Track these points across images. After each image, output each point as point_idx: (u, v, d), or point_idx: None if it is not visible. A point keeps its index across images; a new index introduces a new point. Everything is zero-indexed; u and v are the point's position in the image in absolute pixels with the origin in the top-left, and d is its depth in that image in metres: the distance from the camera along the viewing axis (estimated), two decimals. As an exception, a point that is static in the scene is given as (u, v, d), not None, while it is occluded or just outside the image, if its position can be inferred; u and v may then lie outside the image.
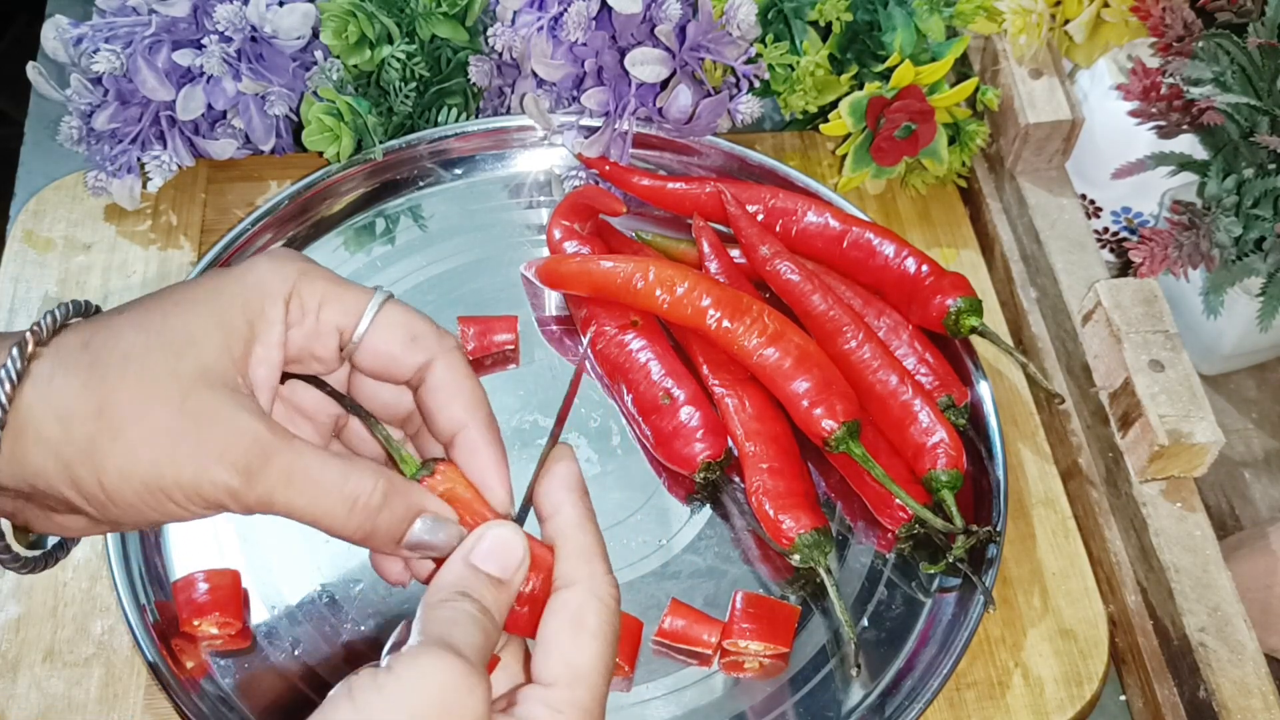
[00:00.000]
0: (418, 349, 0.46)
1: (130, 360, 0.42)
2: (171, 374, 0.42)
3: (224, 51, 0.73)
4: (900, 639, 0.63)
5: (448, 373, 0.46)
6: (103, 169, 0.75)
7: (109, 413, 0.42)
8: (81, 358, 0.42)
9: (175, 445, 0.41)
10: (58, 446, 0.42)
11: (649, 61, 0.74)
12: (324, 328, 0.46)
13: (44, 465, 0.42)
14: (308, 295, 0.45)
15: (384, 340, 0.46)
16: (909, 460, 0.65)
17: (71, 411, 0.42)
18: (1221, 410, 0.77)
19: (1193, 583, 0.62)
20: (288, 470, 0.42)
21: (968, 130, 0.80)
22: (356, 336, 0.46)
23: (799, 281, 0.70)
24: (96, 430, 0.42)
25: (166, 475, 0.42)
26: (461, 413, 0.46)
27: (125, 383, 0.42)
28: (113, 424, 0.42)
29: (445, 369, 0.46)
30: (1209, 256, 0.68)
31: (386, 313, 0.46)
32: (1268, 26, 0.68)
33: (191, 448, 0.41)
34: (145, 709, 0.60)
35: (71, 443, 0.42)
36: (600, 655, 0.42)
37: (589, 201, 0.76)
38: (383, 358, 0.46)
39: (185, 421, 0.42)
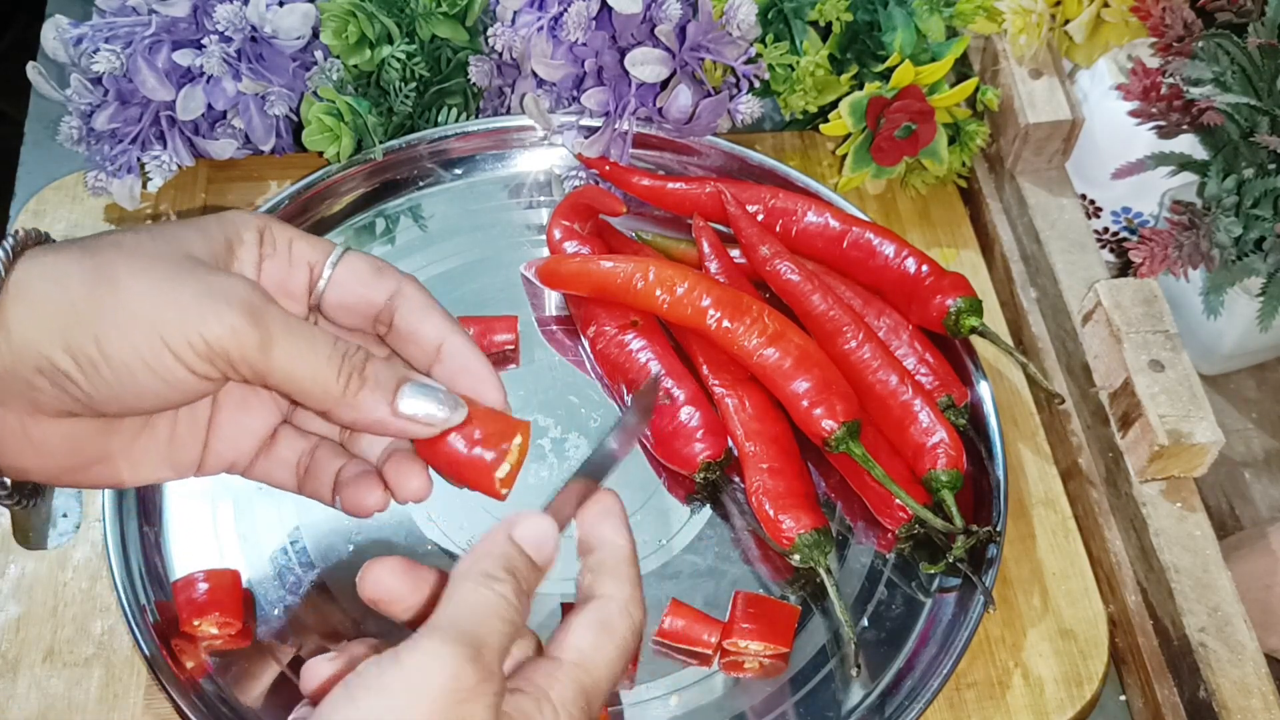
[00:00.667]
0: (384, 278, 0.48)
1: (121, 244, 0.44)
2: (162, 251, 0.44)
3: (224, 51, 0.73)
4: (900, 639, 0.63)
5: (417, 294, 0.49)
6: (103, 169, 0.75)
7: (105, 275, 0.43)
8: (72, 245, 0.44)
9: (178, 294, 0.43)
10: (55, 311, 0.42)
11: (649, 61, 0.74)
12: (296, 262, 0.48)
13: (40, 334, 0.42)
14: (278, 234, 0.48)
15: (352, 273, 0.48)
16: (909, 460, 0.65)
17: (66, 276, 0.43)
18: (1221, 410, 0.77)
19: (1193, 583, 0.62)
20: (285, 320, 0.44)
21: (968, 130, 0.80)
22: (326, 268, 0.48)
23: (799, 281, 0.70)
24: (93, 289, 0.42)
25: (170, 325, 0.42)
26: (440, 325, 0.48)
27: (119, 257, 0.43)
28: (111, 283, 0.42)
29: (414, 291, 0.48)
30: (1209, 256, 0.68)
31: (350, 255, 0.49)
32: (1268, 26, 0.68)
33: (194, 293, 0.43)
34: (145, 709, 0.60)
35: (70, 306, 0.42)
36: (613, 660, 0.43)
37: (589, 201, 0.76)
38: (354, 290, 0.48)
39: (184, 277, 0.43)
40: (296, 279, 0.48)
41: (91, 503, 0.66)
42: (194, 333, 0.42)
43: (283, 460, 0.51)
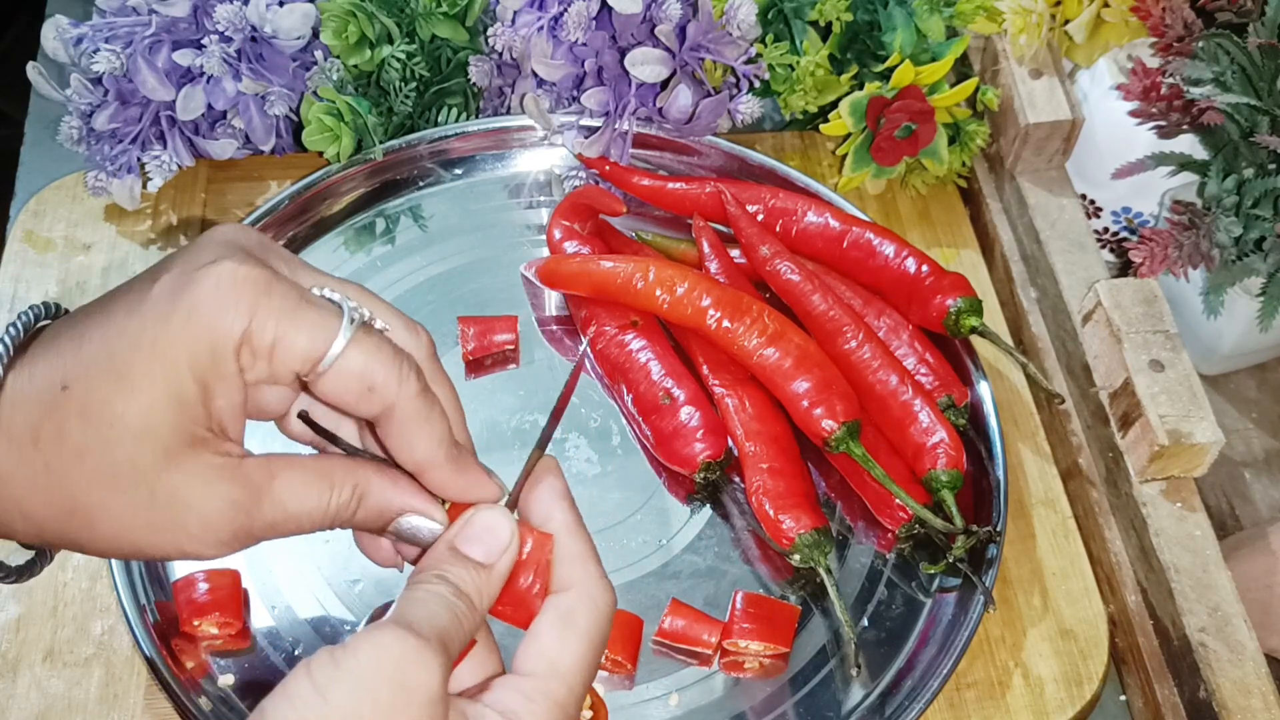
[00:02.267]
0: (372, 399, 0.43)
1: (87, 457, 0.40)
2: (133, 469, 0.40)
3: (224, 51, 0.73)
4: (900, 639, 0.63)
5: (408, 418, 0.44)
6: (103, 169, 0.75)
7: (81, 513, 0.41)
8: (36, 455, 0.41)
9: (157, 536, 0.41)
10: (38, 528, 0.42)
11: (649, 61, 0.74)
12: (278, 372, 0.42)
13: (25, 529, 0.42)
14: (259, 338, 0.41)
15: (337, 389, 0.42)
16: (909, 460, 0.65)
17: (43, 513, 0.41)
18: (1221, 410, 0.77)
19: (1193, 583, 0.62)
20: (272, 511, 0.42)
21: (968, 130, 0.80)
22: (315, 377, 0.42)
23: (799, 281, 0.70)
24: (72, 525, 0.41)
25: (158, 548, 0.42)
26: (424, 454, 0.44)
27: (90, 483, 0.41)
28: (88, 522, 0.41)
29: (405, 416, 0.43)
30: (1209, 256, 0.68)
31: (346, 358, 0.42)
32: (1268, 26, 0.68)
33: (173, 536, 0.41)
34: (145, 709, 0.60)
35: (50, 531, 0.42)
36: (583, 656, 0.42)
37: (589, 201, 0.76)
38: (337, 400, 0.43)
39: (159, 515, 0.41)
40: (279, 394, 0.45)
41: (91, 503, 0.66)
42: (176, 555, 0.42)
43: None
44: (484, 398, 0.71)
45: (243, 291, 0.40)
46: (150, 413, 0.40)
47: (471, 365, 0.72)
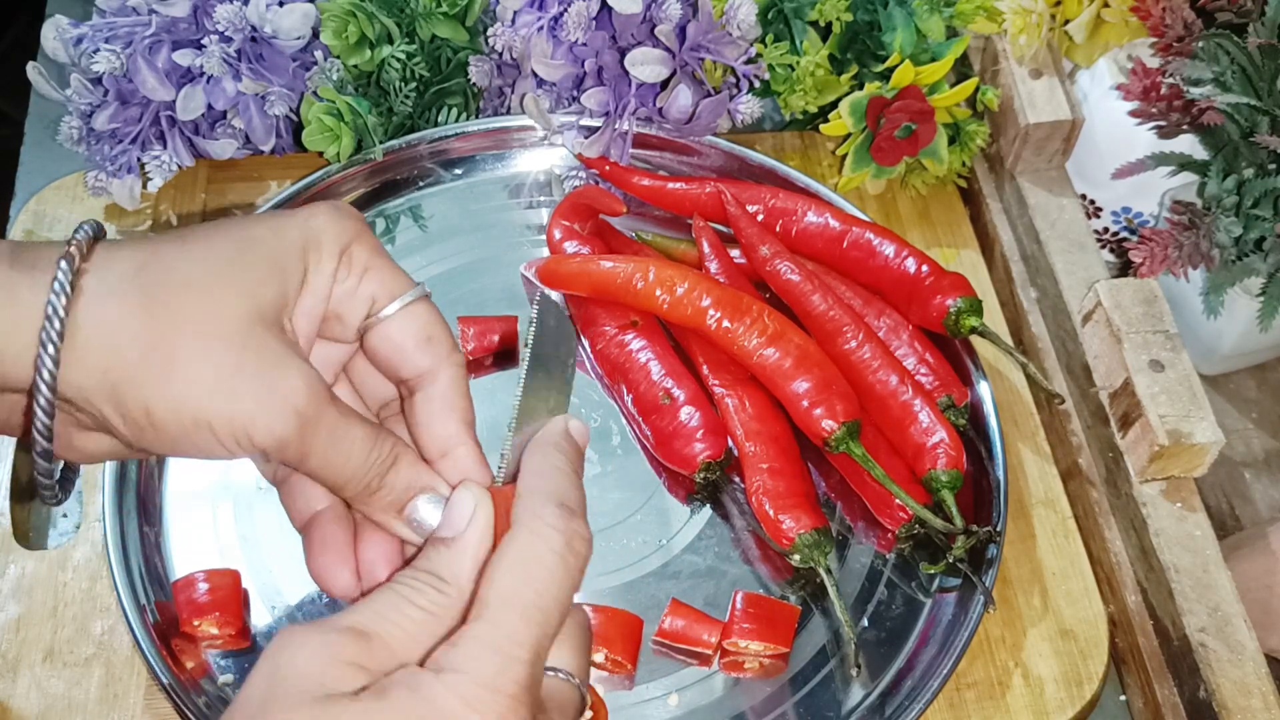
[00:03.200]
0: (429, 351, 0.46)
1: (190, 290, 0.41)
2: (231, 312, 0.41)
3: (224, 51, 0.73)
4: (900, 639, 0.63)
5: (446, 388, 0.46)
6: (103, 169, 0.75)
7: (167, 344, 0.41)
8: (136, 280, 0.41)
9: (235, 384, 0.41)
10: (108, 367, 0.41)
11: (649, 61, 0.74)
12: (360, 293, 0.45)
13: (90, 383, 0.41)
14: (357, 256, 0.45)
15: (402, 330, 0.45)
16: (909, 460, 0.65)
17: (127, 336, 0.41)
18: (1221, 410, 0.77)
19: (1193, 583, 0.62)
20: (333, 426, 0.43)
21: (968, 130, 0.80)
22: (383, 314, 0.45)
23: (799, 281, 0.70)
24: (152, 359, 0.41)
25: (222, 413, 0.41)
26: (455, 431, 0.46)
27: (185, 315, 0.41)
28: (170, 356, 0.41)
29: (449, 381, 0.46)
30: (1209, 256, 0.68)
31: (417, 305, 0.46)
32: (1268, 26, 0.68)
33: (251, 388, 0.41)
34: (145, 709, 0.60)
35: (124, 367, 0.41)
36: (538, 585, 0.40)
37: (589, 202, 0.76)
38: (394, 346, 0.46)
39: (248, 361, 0.41)
40: (355, 310, 0.46)
41: (91, 503, 0.66)
42: (241, 430, 0.42)
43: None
44: (484, 397, 0.70)
45: (353, 220, 0.45)
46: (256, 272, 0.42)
47: (471, 365, 0.72)
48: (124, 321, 0.41)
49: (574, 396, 0.71)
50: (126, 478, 0.65)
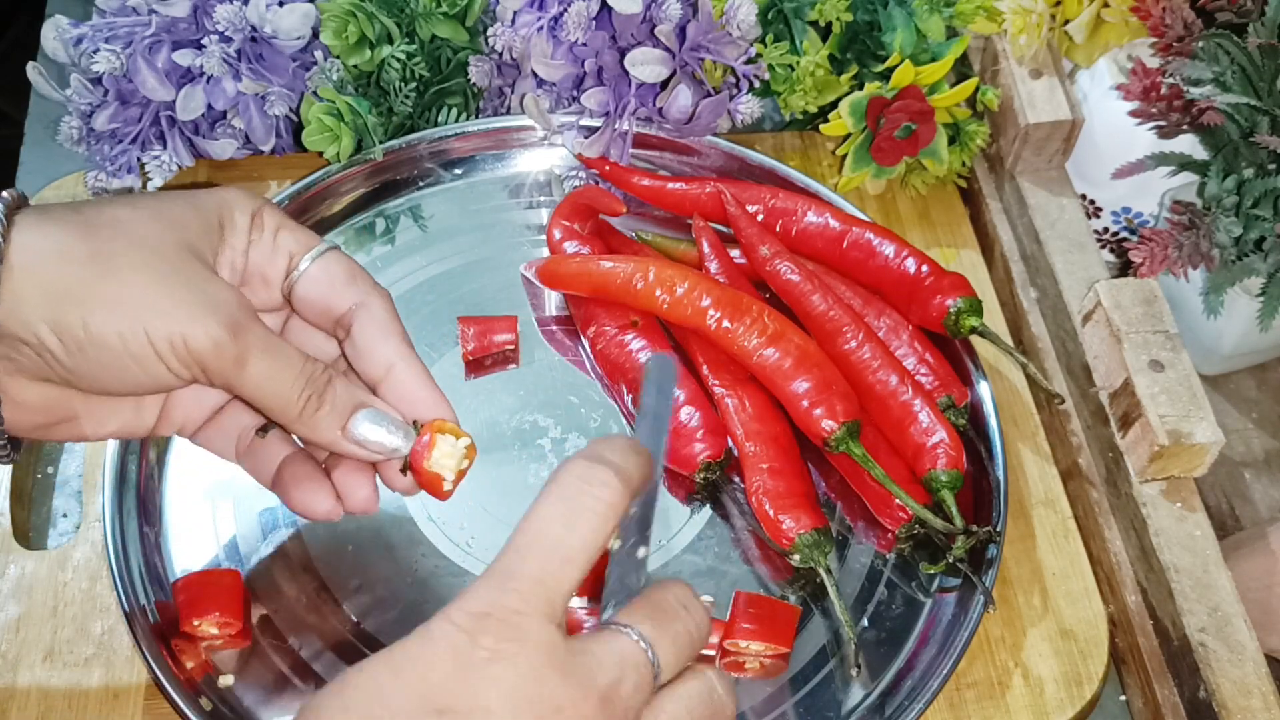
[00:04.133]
0: (354, 287, 0.50)
1: (121, 224, 0.45)
2: (163, 239, 0.45)
3: (224, 51, 0.73)
4: (900, 639, 0.63)
5: (380, 312, 0.50)
6: (103, 169, 0.75)
7: (103, 258, 0.44)
8: (72, 217, 0.45)
9: (171, 292, 0.44)
10: (48, 285, 0.43)
11: (649, 61, 0.74)
12: (278, 250, 0.49)
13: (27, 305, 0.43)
14: (268, 219, 0.50)
15: (326, 273, 0.50)
16: (909, 460, 0.65)
17: (66, 255, 0.44)
18: (1221, 410, 0.77)
19: (1193, 583, 0.62)
20: (265, 337, 0.46)
21: (968, 130, 0.80)
22: (303, 264, 0.50)
23: (799, 281, 0.70)
24: (90, 271, 0.43)
25: (157, 321, 0.44)
26: (392, 349, 0.49)
27: (118, 239, 0.44)
28: (108, 267, 0.44)
29: (378, 308, 0.50)
30: (1209, 256, 0.68)
31: (331, 254, 0.50)
32: (1268, 26, 0.68)
33: (186, 296, 0.45)
34: (145, 709, 0.60)
35: (63, 281, 0.43)
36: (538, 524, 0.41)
37: (589, 202, 0.76)
38: (322, 290, 0.50)
39: (179, 276, 0.45)
40: (276, 266, 0.50)
41: (91, 503, 0.66)
42: (178, 335, 0.44)
43: (224, 431, 0.53)
44: (484, 397, 0.71)
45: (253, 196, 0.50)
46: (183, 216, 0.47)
47: (471, 365, 0.72)
48: (63, 243, 0.44)
49: (573, 396, 0.71)
50: (126, 478, 0.65)
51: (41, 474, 0.69)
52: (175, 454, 0.68)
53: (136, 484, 0.66)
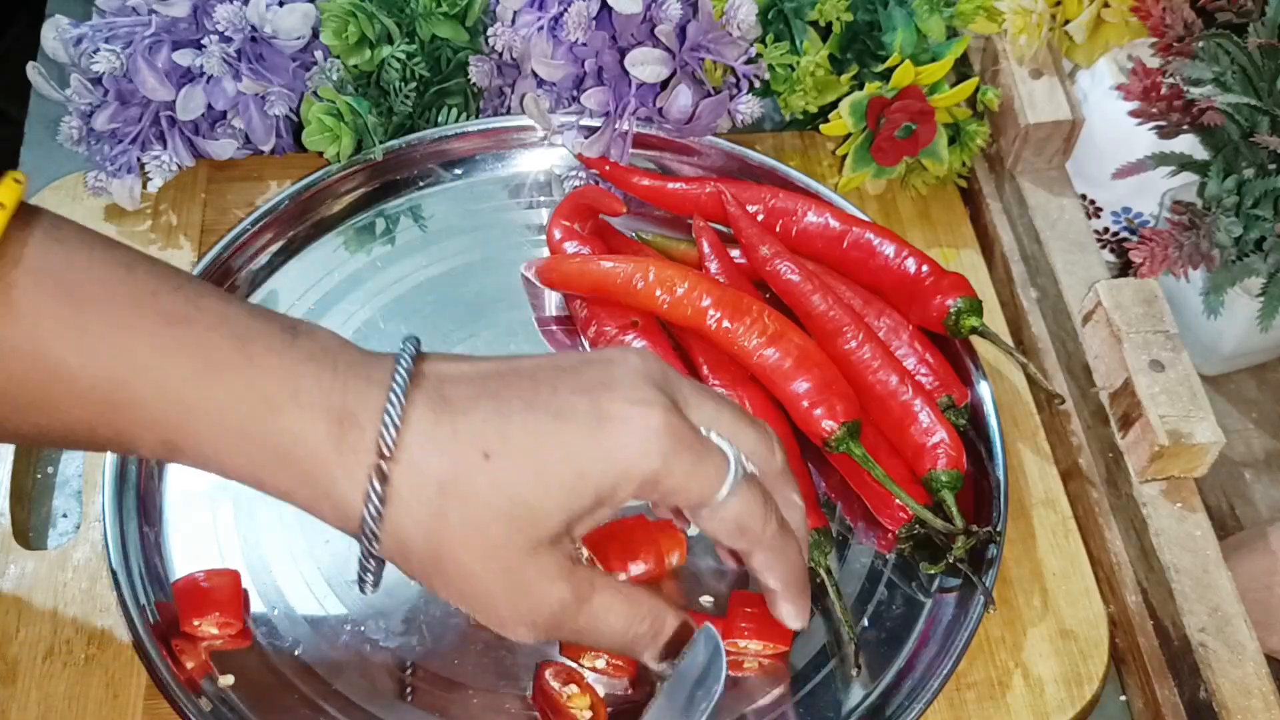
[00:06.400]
0: (740, 540, 0.50)
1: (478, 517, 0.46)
2: (504, 548, 0.46)
3: (224, 51, 0.73)
4: (900, 639, 0.63)
5: (763, 560, 0.51)
6: (103, 169, 0.75)
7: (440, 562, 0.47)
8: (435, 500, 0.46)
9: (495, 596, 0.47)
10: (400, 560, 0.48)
11: (649, 61, 0.74)
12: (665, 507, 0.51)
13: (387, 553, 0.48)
14: (663, 483, 0.47)
15: (713, 528, 0.50)
16: (909, 460, 0.65)
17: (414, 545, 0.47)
18: (1222, 410, 0.77)
19: (1193, 583, 0.62)
20: (580, 625, 0.48)
21: (968, 130, 0.80)
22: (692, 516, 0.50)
23: (799, 281, 0.70)
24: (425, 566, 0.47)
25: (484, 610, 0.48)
26: (775, 584, 0.53)
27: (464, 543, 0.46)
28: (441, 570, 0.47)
29: (761, 554, 0.51)
30: (1209, 257, 0.68)
31: (725, 505, 0.48)
32: (1268, 26, 0.68)
33: (508, 603, 0.47)
34: (145, 709, 0.60)
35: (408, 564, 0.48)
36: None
37: (589, 202, 0.76)
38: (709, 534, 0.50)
39: (500, 591, 0.47)
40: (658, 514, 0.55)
41: (91, 503, 0.66)
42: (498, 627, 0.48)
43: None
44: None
45: (662, 442, 0.46)
46: (546, 509, 0.46)
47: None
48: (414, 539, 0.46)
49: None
50: (126, 478, 0.65)
51: (41, 474, 0.69)
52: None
53: (136, 484, 0.66)
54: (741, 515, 0.49)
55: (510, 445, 0.46)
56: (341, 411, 0.45)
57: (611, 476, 0.46)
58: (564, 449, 0.46)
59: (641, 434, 0.46)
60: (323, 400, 0.45)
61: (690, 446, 0.47)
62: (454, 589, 0.47)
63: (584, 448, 0.46)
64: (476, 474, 0.45)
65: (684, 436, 0.47)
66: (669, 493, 0.47)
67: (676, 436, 0.47)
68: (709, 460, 0.48)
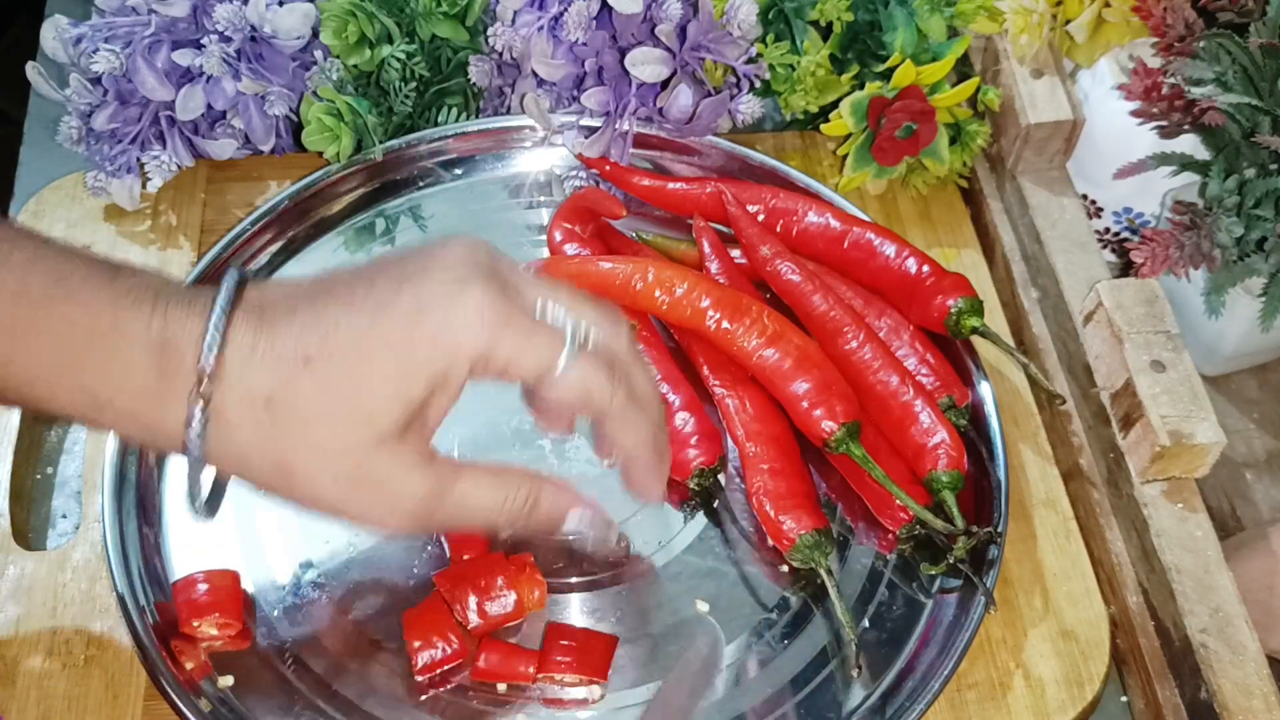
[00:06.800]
0: (587, 408, 0.49)
1: (311, 428, 0.46)
2: (347, 446, 0.46)
3: (224, 51, 0.73)
4: (901, 640, 0.63)
5: (613, 428, 0.50)
6: (102, 169, 0.75)
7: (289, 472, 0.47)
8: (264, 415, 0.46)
9: (353, 498, 0.47)
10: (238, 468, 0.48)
11: (649, 61, 0.74)
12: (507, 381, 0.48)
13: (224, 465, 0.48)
14: (496, 356, 0.47)
15: (558, 397, 0.48)
16: (910, 461, 0.65)
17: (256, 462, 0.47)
18: (1223, 411, 0.77)
19: (1194, 583, 0.62)
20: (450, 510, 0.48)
21: (969, 130, 0.80)
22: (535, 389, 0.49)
23: (799, 282, 0.70)
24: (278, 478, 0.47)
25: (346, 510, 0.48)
26: (629, 449, 0.51)
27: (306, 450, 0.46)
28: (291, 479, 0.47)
29: (612, 421, 0.50)
30: (1210, 257, 0.68)
31: (565, 375, 0.48)
32: (1269, 26, 0.68)
33: (369, 503, 0.47)
34: (145, 710, 0.60)
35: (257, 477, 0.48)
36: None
37: (590, 204, 0.76)
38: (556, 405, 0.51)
39: (357, 489, 0.47)
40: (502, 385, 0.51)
41: (91, 503, 0.66)
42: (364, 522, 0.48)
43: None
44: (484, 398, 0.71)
45: (485, 317, 0.46)
46: (379, 403, 0.46)
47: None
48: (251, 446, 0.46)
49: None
50: (126, 478, 0.65)
51: (41, 474, 0.69)
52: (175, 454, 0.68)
53: (136, 484, 0.66)
54: (585, 385, 0.48)
55: (330, 347, 0.45)
56: (162, 340, 0.45)
57: (440, 361, 0.46)
58: (385, 341, 0.45)
59: (463, 313, 0.46)
60: (143, 332, 0.45)
61: (517, 321, 0.47)
62: (311, 499, 0.47)
63: (406, 337, 0.46)
64: (301, 381, 0.45)
65: (508, 311, 0.46)
66: (504, 368, 0.47)
67: (500, 311, 0.46)
68: (540, 333, 0.47)
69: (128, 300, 0.45)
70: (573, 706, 0.60)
